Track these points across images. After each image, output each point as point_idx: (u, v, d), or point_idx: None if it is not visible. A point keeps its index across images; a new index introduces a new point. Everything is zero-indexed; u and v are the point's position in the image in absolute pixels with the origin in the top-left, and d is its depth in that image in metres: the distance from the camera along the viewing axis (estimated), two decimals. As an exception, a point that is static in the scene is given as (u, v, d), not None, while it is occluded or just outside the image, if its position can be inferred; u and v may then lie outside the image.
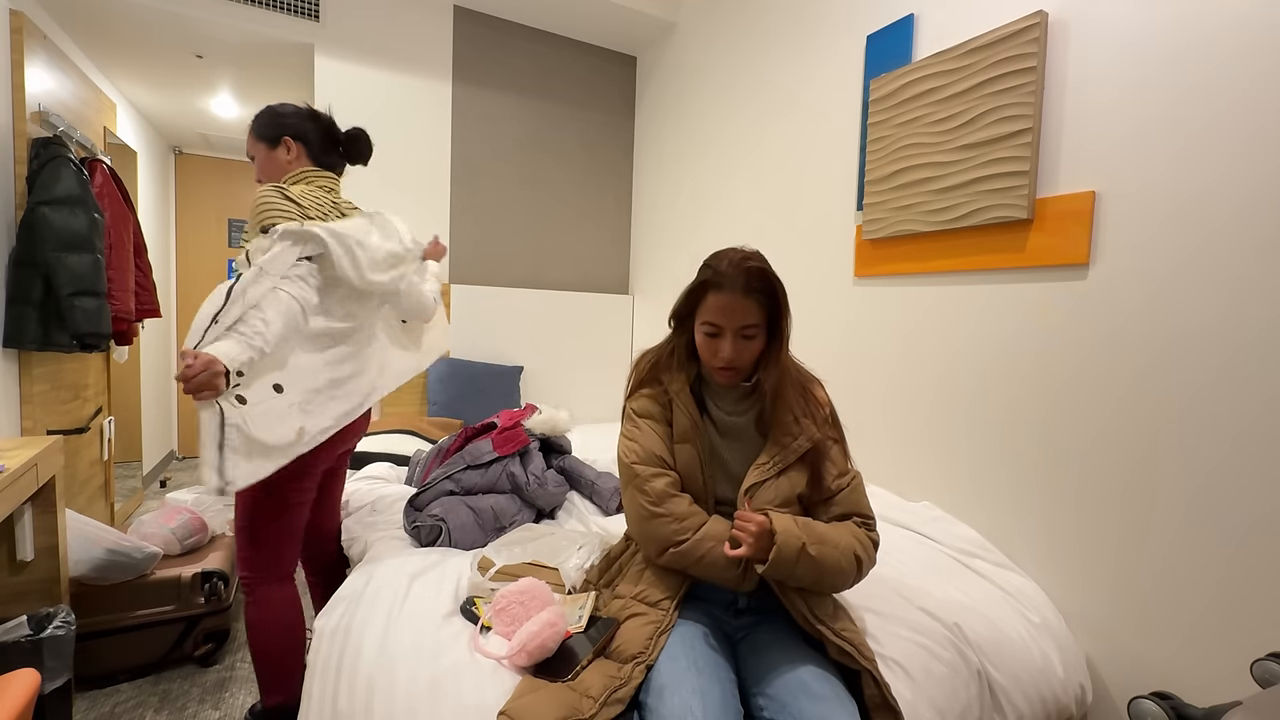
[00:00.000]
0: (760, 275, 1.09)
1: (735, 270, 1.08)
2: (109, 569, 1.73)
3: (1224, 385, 1.25)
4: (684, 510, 1.10)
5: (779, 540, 1.00)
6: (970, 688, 1.19)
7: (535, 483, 1.81)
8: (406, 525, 1.65)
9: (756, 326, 1.10)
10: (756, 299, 1.09)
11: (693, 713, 0.89)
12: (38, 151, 1.98)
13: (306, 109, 1.51)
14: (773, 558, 0.99)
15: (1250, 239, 1.21)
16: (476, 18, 3.05)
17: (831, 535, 1.06)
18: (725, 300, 1.09)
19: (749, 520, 1.02)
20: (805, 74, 2.29)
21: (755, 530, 1.01)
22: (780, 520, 1.02)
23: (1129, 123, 1.39)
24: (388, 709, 0.99)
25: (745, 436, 1.17)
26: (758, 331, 1.11)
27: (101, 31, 2.77)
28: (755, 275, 1.08)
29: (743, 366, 1.13)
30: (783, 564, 1.00)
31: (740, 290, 1.08)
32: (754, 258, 1.11)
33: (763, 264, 1.11)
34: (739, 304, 1.08)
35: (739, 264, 1.09)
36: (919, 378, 1.88)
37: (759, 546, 1.01)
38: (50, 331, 1.93)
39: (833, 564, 1.03)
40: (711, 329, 1.12)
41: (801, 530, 1.02)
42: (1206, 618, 1.27)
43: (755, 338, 1.11)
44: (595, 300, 3.42)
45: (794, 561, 1.00)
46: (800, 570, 1.01)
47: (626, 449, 1.18)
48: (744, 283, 1.08)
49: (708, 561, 1.07)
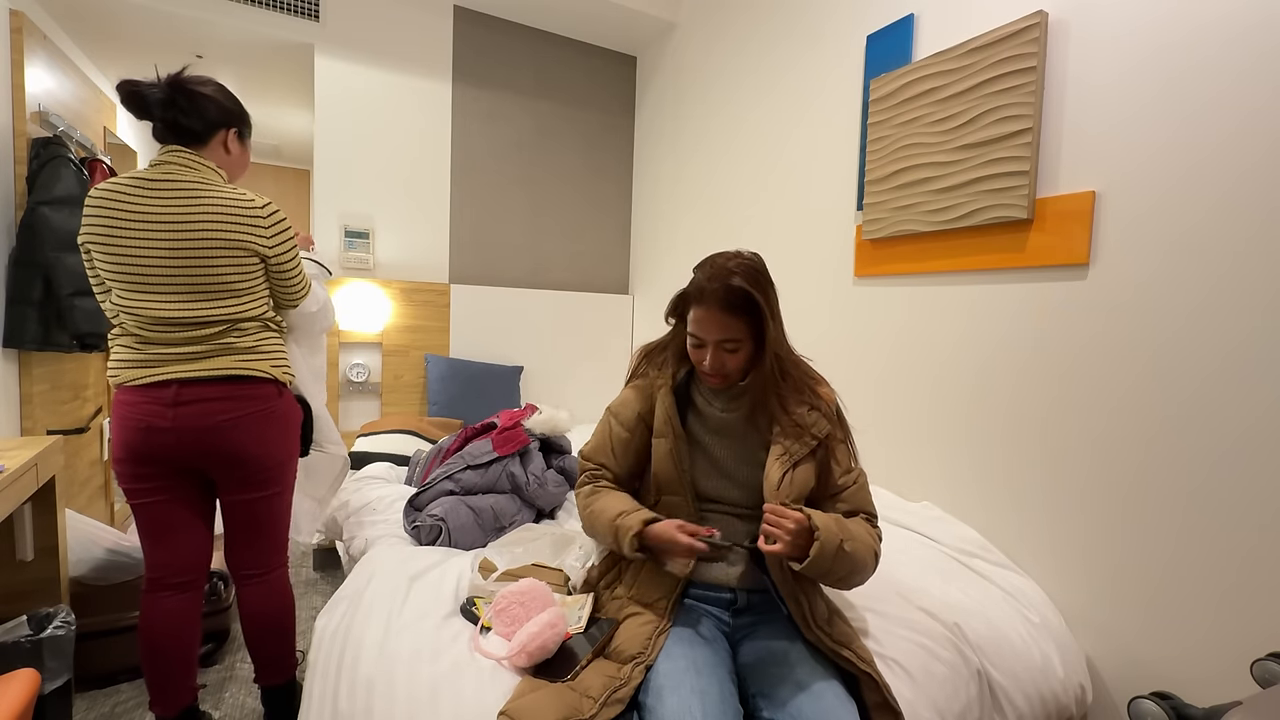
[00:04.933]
0: (740, 294, 1.06)
1: (716, 285, 1.06)
2: (109, 569, 1.73)
3: (1224, 385, 1.25)
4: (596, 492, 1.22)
5: (822, 537, 0.98)
6: (970, 688, 1.19)
7: (535, 483, 1.82)
8: (406, 525, 1.66)
9: (738, 340, 1.09)
10: (737, 315, 1.07)
11: (691, 713, 0.89)
12: (38, 151, 1.98)
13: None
14: (814, 554, 0.97)
15: (1250, 239, 1.21)
16: (476, 18, 3.05)
17: (856, 531, 1.06)
18: (704, 315, 1.09)
19: (785, 517, 0.99)
20: (806, 74, 2.29)
21: (794, 527, 0.98)
22: (818, 517, 1.01)
23: (1129, 122, 1.38)
24: (388, 709, 0.99)
25: (739, 434, 1.18)
26: (740, 345, 1.10)
27: (101, 31, 2.77)
28: (735, 294, 1.06)
29: (730, 373, 1.13)
30: (822, 561, 0.98)
31: (719, 307, 1.06)
32: (739, 270, 1.07)
33: (747, 277, 1.07)
34: (718, 320, 1.07)
35: (722, 278, 1.06)
36: (919, 377, 1.88)
37: (797, 544, 0.99)
38: (50, 331, 1.93)
39: (861, 560, 1.04)
40: (695, 340, 1.12)
41: (837, 527, 1.02)
42: (1206, 618, 1.27)
43: (738, 350, 1.10)
44: (595, 300, 3.42)
45: (832, 558, 0.99)
46: (836, 566, 1.01)
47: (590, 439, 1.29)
48: (722, 300, 1.06)
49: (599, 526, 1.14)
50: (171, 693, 1.39)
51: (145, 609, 1.37)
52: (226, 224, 1.29)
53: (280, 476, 1.43)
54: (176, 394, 1.28)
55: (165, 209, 1.26)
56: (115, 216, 1.25)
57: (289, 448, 1.45)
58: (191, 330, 1.29)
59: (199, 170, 1.32)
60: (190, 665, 1.43)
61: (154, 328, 1.28)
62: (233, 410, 1.32)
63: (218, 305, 1.31)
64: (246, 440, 1.34)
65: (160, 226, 1.26)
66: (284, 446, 1.43)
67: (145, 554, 1.39)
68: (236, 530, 1.43)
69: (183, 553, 1.40)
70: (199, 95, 1.32)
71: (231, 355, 1.32)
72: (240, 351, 1.33)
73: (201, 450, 1.31)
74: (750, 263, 1.10)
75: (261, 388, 1.36)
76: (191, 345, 1.30)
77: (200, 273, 1.28)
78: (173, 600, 1.38)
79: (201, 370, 1.29)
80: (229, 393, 1.32)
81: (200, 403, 1.29)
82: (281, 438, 1.42)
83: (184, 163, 1.31)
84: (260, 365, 1.35)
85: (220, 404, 1.31)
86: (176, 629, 1.39)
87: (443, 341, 3.03)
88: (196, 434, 1.29)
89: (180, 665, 1.40)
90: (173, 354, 1.29)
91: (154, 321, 1.28)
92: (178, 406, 1.28)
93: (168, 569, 1.38)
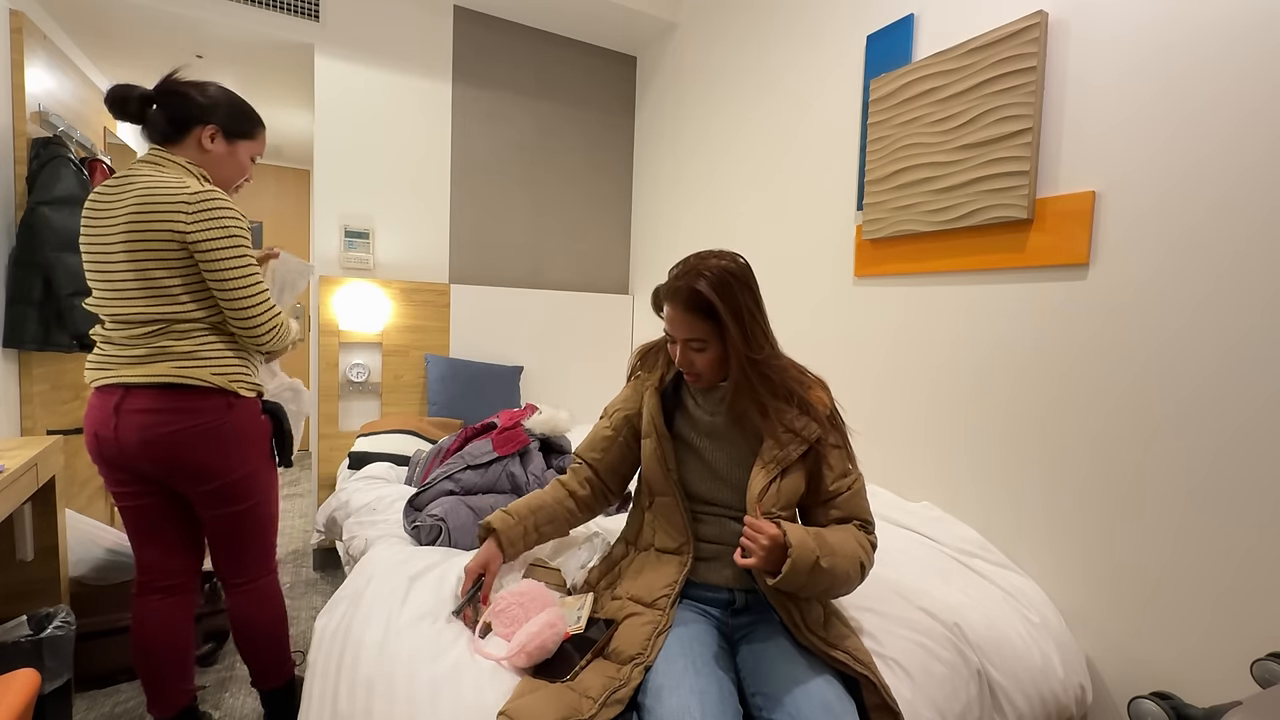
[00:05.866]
0: (699, 297, 1.06)
1: (680, 284, 1.09)
2: (109, 569, 1.73)
3: (1223, 384, 1.25)
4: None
5: (794, 554, 0.96)
6: (970, 688, 1.19)
7: (535, 483, 1.81)
8: (406, 525, 1.65)
9: (702, 340, 1.10)
10: (699, 316, 1.08)
11: (691, 713, 0.89)
12: (38, 151, 1.98)
13: None
14: (786, 570, 0.96)
15: (1250, 238, 1.21)
16: (476, 18, 3.05)
17: (840, 545, 1.04)
18: (671, 313, 1.12)
19: (760, 530, 0.97)
20: (806, 74, 2.29)
21: (767, 543, 0.97)
22: (795, 532, 0.98)
23: (1129, 122, 1.38)
24: (388, 709, 0.99)
25: (728, 436, 1.17)
26: (705, 345, 1.10)
27: (101, 32, 2.77)
28: (695, 296, 1.07)
29: (702, 372, 1.14)
30: (796, 577, 0.97)
31: (682, 307, 1.09)
32: (709, 273, 1.07)
33: (714, 281, 1.06)
34: (682, 319, 1.10)
35: (688, 278, 1.08)
36: (918, 377, 1.88)
37: (771, 559, 0.98)
38: (50, 331, 1.93)
39: (842, 574, 1.03)
40: (668, 336, 1.16)
41: (815, 542, 1.00)
42: (1206, 617, 1.27)
43: (705, 350, 1.11)
44: (595, 300, 3.42)
45: (807, 574, 0.97)
46: (811, 582, 0.99)
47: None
48: (685, 300, 1.08)
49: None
50: (167, 694, 1.40)
51: (135, 611, 1.38)
52: (150, 212, 1.21)
53: (249, 490, 1.35)
54: (120, 400, 1.22)
55: (119, 206, 1.23)
56: (88, 217, 1.27)
57: (252, 462, 1.36)
58: (133, 329, 1.24)
59: (163, 167, 1.27)
60: (185, 667, 1.43)
61: (109, 327, 1.27)
62: (173, 423, 1.23)
63: (150, 303, 1.23)
64: (197, 458, 1.26)
65: (112, 223, 1.23)
66: (246, 461, 1.34)
67: (135, 555, 1.39)
68: (216, 543, 1.40)
69: (169, 555, 1.39)
70: (173, 92, 1.29)
71: (168, 360, 1.23)
72: (177, 357, 1.24)
73: (151, 463, 1.25)
74: (724, 266, 1.09)
75: (206, 399, 1.26)
76: (132, 348, 1.24)
77: (131, 267, 1.22)
78: (161, 603, 1.38)
79: (142, 376, 1.22)
80: (171, 404, 1.23)
81: (140, 413, 1.22)
82: (240, 453, 1.32)
83: (151, 159, 1.28)
84: (199, 373, 1.25)
85: (160, 415, 1.23)
86: (168, 631, 1.39)
87: (443, 341, 3.03)
88: (139, 447, 1.23)
89: (174, 667, 1.40)
90: (120, 356, 1.24)
91: (110, 319, 1.26)
92: (119, 414, 1.22)
93: (155, 571, 1.38)
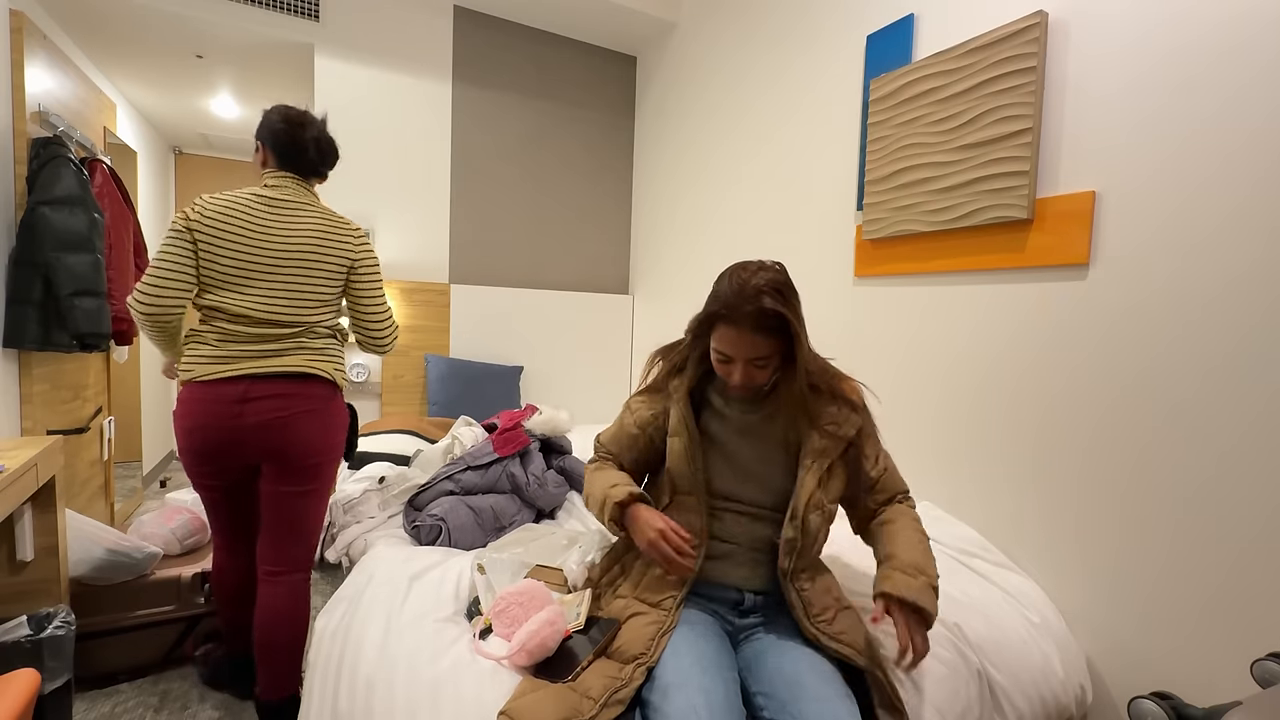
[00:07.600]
0: (772, 315, 1.03)
1: (746, 304, 1.03)
2: (109, 569, 1.72)
3: (1224, 384, 1.25)
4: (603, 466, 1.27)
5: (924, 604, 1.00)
6: (970, 688, 1.19)
7: (535, 483, 1.82)
8: (406, 525, 1.66)
9: (768, 357, 1.07)
10: (769, 335, 1.05)
11: (696, 711, 0.89)
12: (38, 151, 1.98)
13: (282, 112, 1.50)
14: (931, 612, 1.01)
15: (1249, 238, 1.21)
16: (476, 18, 3.05)
17: (921, 544, 1.11)
18: (734, 335, 1.06)
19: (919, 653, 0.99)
20: (806, 74, 2.29)
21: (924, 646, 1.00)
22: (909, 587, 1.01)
23: (1129, 122, 1.39)
24: (388, 709, 0.99)
25: (759, 433, 1.17)
26: (770, 360, 1.08)
27: (101, 31, 2.77)
28: (767, 315, 1.03)
29: (763, 384, 1.13)
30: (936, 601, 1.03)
31: (750, 328, 1.04)
32: (769, 289, 1.03)
33: (776, 296, 1.04)
34: (748, 340, 1.05)
35: (752, 298, 1.03)
36: (918, 377, 1.88)
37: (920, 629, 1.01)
38: (50, 331, 1.93)
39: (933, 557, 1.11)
40: (722, 356, 1.10)
41: (915, 575, 1.04)
42: (1206, 618, 1.27)
43: (768, 365, 1.09)
44: (595, 300, 3.42)
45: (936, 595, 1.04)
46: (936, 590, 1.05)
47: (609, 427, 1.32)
48: (754, 322, 1.03)
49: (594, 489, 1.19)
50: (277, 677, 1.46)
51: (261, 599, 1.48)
52: (332, 236, 1.48)
53: (319, 473, 1.49)
54: (246, 390, 1.38)
55: (299, 227, 1.45)
56: (248, 229, 1.41)
57: (338, 448, 1.54)
58: (269, 329, 1.41)
59: (306, 194, 1.52)
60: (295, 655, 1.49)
61: (236, 324, 1.40)
62: (294, 407, 1.41)
63: (302, 310, 1.45)
64: (307, 434, 1.44)
65: (289, 239, 1.43)
66: (335, 446, 1.52)
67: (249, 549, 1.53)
68: (270, 522, 1.49)
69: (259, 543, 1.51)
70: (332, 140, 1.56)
71: (302, 355, 1.44)
72: (310, 352, 1.46)
73: (260, 443, 1.41)
74: (777, 277, 1.07)
75: (320, 387, 1.46)
76: (266, 344, 1.41)
77: (298, 277, 1.44)
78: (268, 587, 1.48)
79: (272, 367, 1.40)
80: (293, 390, 1.42)
81: (266, 399, 1.39)
82: (328, 435, 1.49)
83: (308, 188, 1.53)
84: (324, 366, 1.47)
85: (284, 400, 1.41)
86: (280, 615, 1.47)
87: (443, 341, 3.03)
88: (255, 429, 1.39)
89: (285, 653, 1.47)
90: (248, 351, 1.40)
91: (237, 317, 1.40)
92: (245, 403, 1.37)
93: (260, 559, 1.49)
